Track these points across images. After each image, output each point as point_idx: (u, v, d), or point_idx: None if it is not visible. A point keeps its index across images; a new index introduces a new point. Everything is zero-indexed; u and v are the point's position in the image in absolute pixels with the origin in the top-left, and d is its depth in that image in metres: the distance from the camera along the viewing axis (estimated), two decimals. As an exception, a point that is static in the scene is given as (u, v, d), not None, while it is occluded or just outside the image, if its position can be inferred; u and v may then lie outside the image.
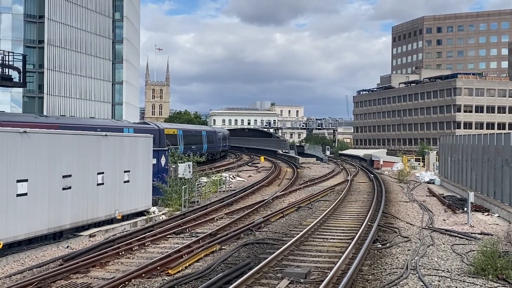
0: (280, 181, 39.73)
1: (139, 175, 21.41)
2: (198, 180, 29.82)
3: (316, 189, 34.46)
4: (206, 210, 23.41)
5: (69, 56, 79.28)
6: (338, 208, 25.14)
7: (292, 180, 39.46)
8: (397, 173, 45.39)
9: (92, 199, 18.31)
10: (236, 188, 35.05)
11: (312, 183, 38.17)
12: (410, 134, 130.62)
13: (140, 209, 21.57)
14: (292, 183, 37.96)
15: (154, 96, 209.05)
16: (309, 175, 47.28)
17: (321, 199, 29.00)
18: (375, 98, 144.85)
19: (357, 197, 30.25)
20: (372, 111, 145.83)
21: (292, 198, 29.36)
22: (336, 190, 33.71)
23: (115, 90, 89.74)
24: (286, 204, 26.50)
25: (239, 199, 28.00)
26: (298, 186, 36.36)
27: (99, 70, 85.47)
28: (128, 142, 20.97)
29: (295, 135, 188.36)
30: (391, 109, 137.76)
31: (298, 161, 66.14)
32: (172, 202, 24.71)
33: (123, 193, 20.19)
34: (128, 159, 20.65)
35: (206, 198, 28.29)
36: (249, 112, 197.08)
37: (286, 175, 45.46)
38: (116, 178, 19.74)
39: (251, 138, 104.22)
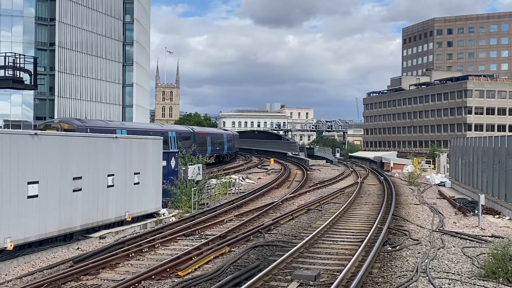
0: (290, 183, 39.70)
1: (149, 177, 21.48)
2: (208, 182, 29.84)
3: (326, 191, 34.41)
4: (215, 212, 23.44)
5: (79, 59, 79.77)
6: (348, 210, 25.07)
7: (301, 183, 39.41)
8: (408, 176, 45.19)
9: (103, 201, 18.40)
10: (245, 190, 35.04)
11: (322, 186, 38.11)
12: (420, 136, 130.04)
13: (150, 211, 21.64)
14: (302, 186, 37.90)
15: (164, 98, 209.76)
16: (319, 178, 47.18)
17: (331, 201, 28.94)
18: (385, 100, 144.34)
19: (367, 199, 30.14)
20: (382, 113, 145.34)
21: (301, 201, 29.32)
22: (346, 193, 33.63)
23: (126, 92, 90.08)
24: (295, 206, 26.48)
25: (248, 201, 27.98)
26: (307, 188, 36.31)
27: (109, 72, 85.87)
28: (138, 144, 21.06)
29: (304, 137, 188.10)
30: (401, 111, 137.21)
31: (307, 163, 66.03)
32: (182, 204, 24.75)
33: (133, 195, 20.26)
34: (138, 161, 20.73)
35: (215, 200, 28.31)
36: (259, 114, 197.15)
37: (295, 177, 45.41)
38: (126, 180, 19.82)
39: (260, 140, 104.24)
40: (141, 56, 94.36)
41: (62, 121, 37.74)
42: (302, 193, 32.64)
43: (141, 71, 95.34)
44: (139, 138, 21.71)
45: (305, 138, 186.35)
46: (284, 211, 24.78)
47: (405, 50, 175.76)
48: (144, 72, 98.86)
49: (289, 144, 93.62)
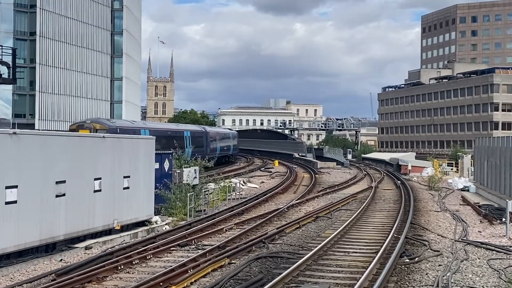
0: (296, 188, 39.71)
1: (140, 181, 21.50)
2: (205, 187, 29.88)
3: (336, 197, 34.37)
4: (214, 219, 23.45)
5: (63, 50, 79.87)
6: (361, 218, 25.05)
7: (309, 187, 39.42)
8: (427, 179, 45.13)
9: (88, 207, 18.42)
10: (247, 195, 35.07)
11: (332, 190, 38.11)
12: (441, 135, 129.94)
13: (141, 218, 21.66)
14: (310, 190, 37.87)
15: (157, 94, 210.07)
16: (329, 181, 47.17)
17: (341, 208, 28.92)
18: (402, 95, 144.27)
19: (382, 206, 30.12)
20: (399, 110, 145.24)
21: (309, 207, 29.31)
22: (359, 198, 33.61)
23: (114, 87, 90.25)
24: (302, 213, 26.48)
25: (250, 208, 27.98)
26: (316, 193, 36.28)
27: (96, 65, 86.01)
28: (128, 145, 21.08)
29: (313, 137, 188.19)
30: (420, 107, 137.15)
31: (316, 165, 66.01)
32: (177, 210, 24.77)
33: (122, 201, 20.28)
34: (128, 163, 20.75)
35: (214, 207, 28.33)
36: (262, 112, 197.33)
37: (302, 181, 45.41)
38: (115, 184, 19.85)
39: (263, 140, 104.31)
40: (131, 47, 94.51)
41: (94, 121, 42.07)
42: (310, 199, 32.61)
43: (131, 64, 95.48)
44: (129, 138, 21.75)
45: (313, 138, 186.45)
46: (290, 218, 24.75)
47: (425, 40, 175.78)
48: (134, 65, 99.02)
49: (295, 145, 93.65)
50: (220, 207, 28.44)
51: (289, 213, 26.96)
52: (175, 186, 25.86)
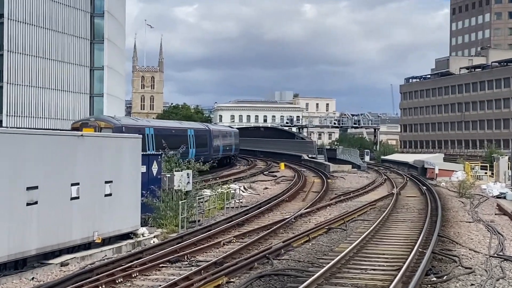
0: (305, 195, 39.72)
1: (125, 186, 21.51)
2: (200, 194, 29.89)
3: (352, 205, 34.38)
4: (210, 231, 23.46)
5: (35, 34, 79.89)
6: (381, 230, 25.05)
7: (320, 194, 39.46)
8: (458, 185, 45.09)
9: (65, 217, 18.43)
10: (248, 203, 35.07)
11: (346, 198, 38.15)
12: (474, 134, 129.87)
13: (125, 230, 21.67)
14: (321, 198, 37.90)
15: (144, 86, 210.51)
16: (343, 187, 47.16)
17: (358, 218, 28.92)
18: (429, 87, 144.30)
19: (405, 215, 30.13)
20: (424, 104, 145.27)
21: (320, 217, 29.32)
22: (378, 207, 33.61)
23: (94, 78, 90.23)
24: (312, 224, 26.49)
25: (252, 218, 28.00)
26: (328, 201, 36.30)
27: (73, 52, 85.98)
28: (110, 145, 21.09)
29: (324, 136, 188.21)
30: (449, 101, 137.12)
31: (328, 169, 65.95)
32: (167, 221, 24.77)
33: (103, 210, 20.30)
34: (110, 166, 20.76)
35: (210, 217, 28.34)
36: (266, 106, 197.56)
37: (312, 187, 45.42)
38: (95, 191, 19.86)
39: (267, 139, 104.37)
40: (114, 31, 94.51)
41: (98, 119, 45.03)
42: (321, 208, 32.64)
43: (114, 51, 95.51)
44: (112, 137, 21.76)
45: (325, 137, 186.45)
46: (298, 230, 24.74)
47: (454, 23, 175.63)
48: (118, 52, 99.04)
49: (304, 144, 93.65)
50: (217, 217, 28.45)
51: (297, 224, 26.94)
52: (164, 193, 25.84)
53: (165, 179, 26.88)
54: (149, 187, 24.76)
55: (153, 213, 24.98)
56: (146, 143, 45.94)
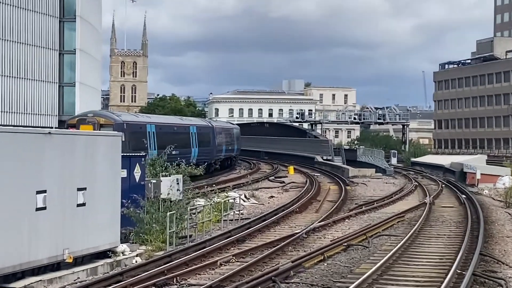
0: (319, 205, 39.68)
1: (101, 194, 21.48)
2: (192, 203, 29.86)
3: (376, 217, 34.36)
4: (204, 249, 23.43)
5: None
6: (410, 247, 25.01)
7: (337, 204, 39.45)
8: (504, 193, 44.99)
9: (29, 231, 18.39)
10: (250, 215, 35.10)
11: (369, 208, 38.11)
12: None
13: (102, 247, 21.63)
14: (338, 208, 37.89)
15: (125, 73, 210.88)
16: (365, 196, 47.15)
17: (383, 233, 28.89)
18: (468, 75, 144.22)
19: (440, 230, 30.10)
20: (463, 95, 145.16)
21: (337, 232, 29.31)
22: (407, 219, 33.59)
23: (64, 63, 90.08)
24: (328, 240, 26.44)
25: (255, 233, 27.99)
26: (347, 212, 36.28)
27: (38, 32, 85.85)
28: (83, 144, 21.05)
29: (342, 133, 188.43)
30: (493, 92, 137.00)
31: (347, 173, 65.86)
32: (152, 236, 24.74)
33: (75, 223, 20.26)
34: (84, 170, 20.72)
35: (204, 231, 28.30)
36: (271, 98, 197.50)
37: (328, 196, 45.38)
38: (66, 200, 19.82)
39: (273, 138, 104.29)
40: (87, 8, 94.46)
41: (97, 115, 47.40)
42: (338, 221, 32.61)
43: (88, 31, 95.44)
44: (85, 135, 21.73)
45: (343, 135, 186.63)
46: (311, 247, 24.73)
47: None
48: (92, 32, 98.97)
49: (317, 144, 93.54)
50: (212, 232, 28.38)
51: (310, 240, 26.91)
52: (149, 203, 25.82)
53: (150, 186, 26.87)
54: (130, 195, 24.72)
55: (135, 226, 24.95)
56: (148, 142, 48.39)
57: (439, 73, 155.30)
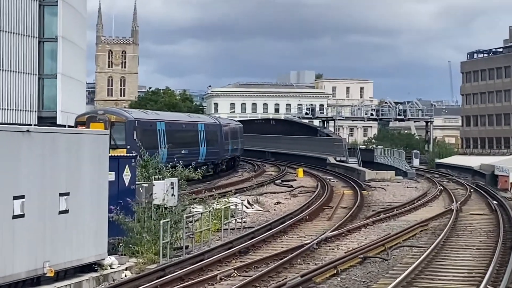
0: (332, 212, 39.70)
1: (86, 200, 21.46)
2: (189, 210, 29.87)
3: (396, 226, 34.42)
4: (202, 262, 23.43)
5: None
6: (435, 260, 25.01)
7: (352, 211, 39.48)
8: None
9: (4, 241, 18.41)
10: (254, 223, 35.16)
11: (388, 216, 38.14)
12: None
13: (87, 260, 21.62)
14: (353, 216, 37.93)
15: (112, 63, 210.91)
16: (383, 202, 47.24)
17: (404, 243, 28.91)
18: (500, 65, 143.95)
19: (468, 240, 30.12)
20: (494, 88, 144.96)
21: (353, 242, 29.36)
22: (431, 228, 33.59)
23: (44, 52, 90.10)
24: (342, 252, 26.47)
25: (259, 243, 28.01)
26: (363, 220, 36.32)
27: (15, 16, 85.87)
28: (65, 144, 21.01)
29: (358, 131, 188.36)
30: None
31: (363, 176, 65.85)
32: (143, 247, 24.73)
33: (57, 233, 20.24)
34: (67, 172, 20.70)
35: (202, 241, 28.31)
36: (278, 91, 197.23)
37: (342, 202, 45.43)
38: (46, 206, 19.80)
39: (280, 137, 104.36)
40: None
41: (108, 112, 50.64)
42: (353, 230, 32.62)
43: (72, 16, 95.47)
44: (68, 133, 21.71)
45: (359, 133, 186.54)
46: (322, 260, 24.75)
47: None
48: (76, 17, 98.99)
49: (330, 143, 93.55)
50: (211, 242, 28.42)
51: (321, 251, 26.92)
52: (140, 209, 25.81)
53: (141, 191, 26.84)
54: (119, 201, 24.74)
55: (125, 236, 24.96)
56: (158, 141, 51.91)
57: (467, 63, 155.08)
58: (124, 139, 48.51)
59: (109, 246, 23.29)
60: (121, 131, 48.92)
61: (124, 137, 48.65)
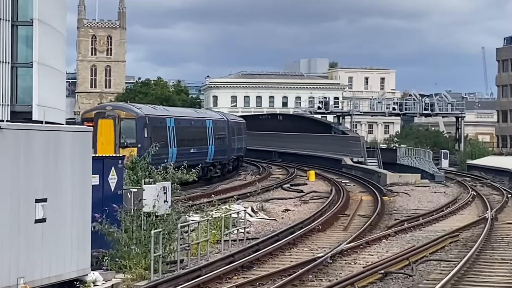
0: (348, 221, 39.72)
1: (66, 207, 21.45)
2: (184, 219, 29.88)
3: (421, 236, 34.43)
4: (198, 278, 23.42)
5: None
6: (467, 275, 25.01)
7: (372, 219, 39.51)
8: None
9: (-28, 255, 18.41)
10: (259, 234, 35.23)
11: (412, 225, 38.19)
12: None
13: (67, 275, 21.62)
14: (373, 225, 38.02)
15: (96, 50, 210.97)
16: (407, 209, 47.28)
17: (430, 257, 28.89)
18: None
19: (504, 253, 30.08)
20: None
21: (372, 255, 29.38)
22: (463, 240, 33.61)
23: (19, 38, 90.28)
24: (359, 267, 26.46)
25: (265, 257, 28.02)
26: (384, 230, 36.36)
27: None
28: (43, 142, 21.00)
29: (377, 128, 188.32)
30: None
31: (384, 179, 65.87)
32: (132, 261, 24.75)
33: (33, 244, 20.24)
34: (44, 175, 20.69)
35: (199, 255, 28.32)
36: (286, 82, 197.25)
37: (359, 209, 45.48)
38: (20, 214, 19.80)
39: (289, 135, 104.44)
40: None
41: (117, 108, 53.49)
42: (372, 241, 32.65)
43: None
44: (46, 130, 21.69)
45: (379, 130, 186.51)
46: (337, 276, 24.75)
47: None
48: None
49: (346, 142, 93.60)
50: (210, 256, 28.46)
51: (336, 266, 26.93)
52: (128, 218, 25.82)
53: (129, 196, 26.84)
54: (104, 208, 24.75)
55: (110, 248, 24.96)
56: (168, 139, 54.25)
57: (503, 49, 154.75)
58: (134, 137, 50.88)
59: (93, 259, 23.28)
60: (131, 128, 51.27)
61: (134, 135, 51.03)
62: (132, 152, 45.45)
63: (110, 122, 49.46)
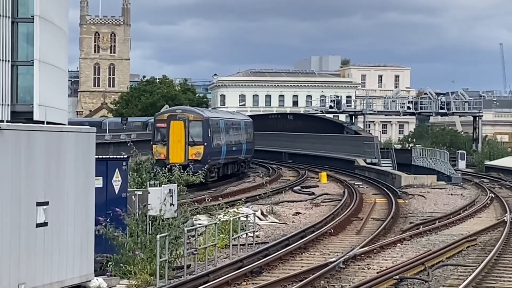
0: (362, 225, 39.70)
1: (68, 211, 21.45)
2: (191, 223, 29.87)
3: (438, 240, 34.41)
4: (206, 284, 23.41)
5: None
6: (485, 281, 24.98)
7: (386, 223, 39.50)
8: None
9: (-29, 261, 18.43)
10: (268, 238, 35.22)
11: (428, 229, 38.11)
12: None
13: (70, 281, 21.62)
14: (387, 229, 38.02)
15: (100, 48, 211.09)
16: (423, 212, 47.21)
17: (447, 262, 28.87)
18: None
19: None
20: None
21: (386, 260, 29.37)
22: (481, 244, 33.54)
23: (19, 35, 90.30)
24: (373, 272, 26.46)
25: (275, 262, 28.01)
26: (398, 234, 36.36)
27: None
28: (45, 143, 20.99)
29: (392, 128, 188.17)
30: None
31: (398, 181, 65.78)
32: (137, 267, 24.77)
33: (34, 249, 20.23)
34: (46, 178, 20.69)
35: (206, 260, 28.31)
36: (296, 81, 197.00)
37: (373, 212, 45.49)
38: (20, 218, 19.80)
39: (299, 135, 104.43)
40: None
41: (186, 111, 62.78)
42: (387, 245, 32.62)
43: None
44: (47, 130, 21.69)
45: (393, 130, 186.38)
46: (350, 282, 24.76)
47: None
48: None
49: (359, 142, 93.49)
50: (218, 261, 28.46)
51: (348, 271, 26.92)
52: (133, 222, 25.82)
53: (134, 199, 26.83)
54: (107, 212, 24.75)
55: (114, 253, 24.96)
56: (221, 138, 63.95)
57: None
58: (201, 136, 59.55)
59: (96, 265, 23.31)
60: (199, 128, 60.01)
61: (201, 135, 59.65)
62: (199, 150, 57.52)
63: (180, 123, 58.16)
